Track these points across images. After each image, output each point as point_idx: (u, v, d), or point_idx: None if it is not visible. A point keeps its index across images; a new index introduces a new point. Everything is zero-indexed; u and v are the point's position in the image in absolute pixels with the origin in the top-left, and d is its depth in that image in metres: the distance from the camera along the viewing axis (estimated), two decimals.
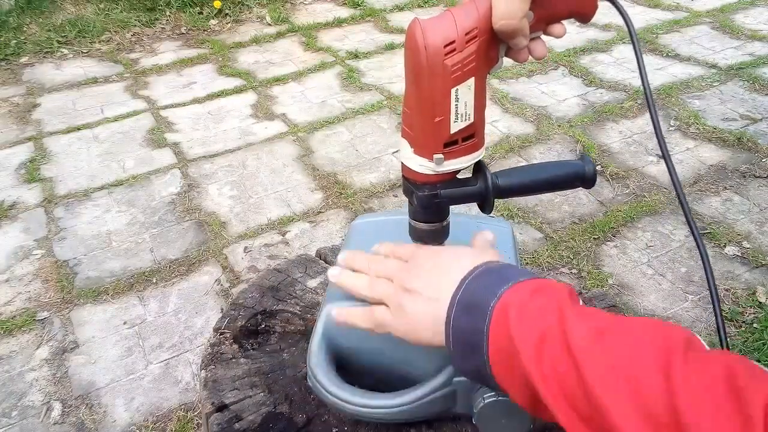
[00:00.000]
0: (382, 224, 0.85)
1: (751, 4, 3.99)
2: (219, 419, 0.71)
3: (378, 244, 0.69)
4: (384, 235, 0.81)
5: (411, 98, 0.58)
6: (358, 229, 0.85)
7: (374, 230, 0.83)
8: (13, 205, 2.41)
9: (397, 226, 0.84)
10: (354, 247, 0.82)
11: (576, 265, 2.01)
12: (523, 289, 0.48)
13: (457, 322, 0.50)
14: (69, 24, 3.89)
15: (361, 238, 0.83)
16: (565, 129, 2.75)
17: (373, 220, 0.86)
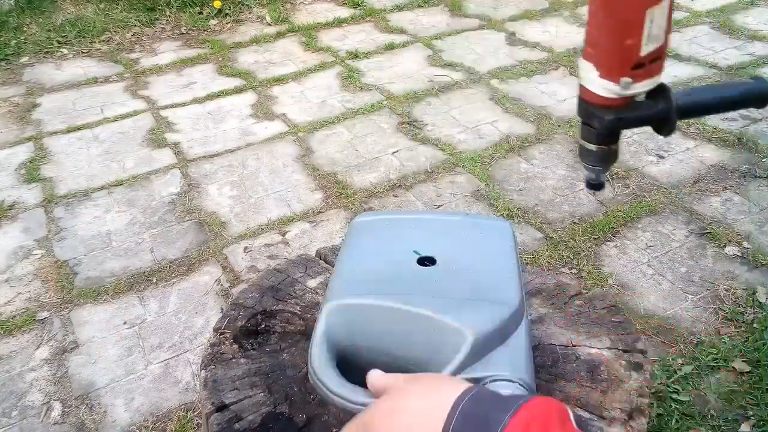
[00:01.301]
0: (382, 224, 0.85)
1: (751, 4, 3.99)
2: (219, 419, 0.71)
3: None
4: (384, 235, 0.81)
5: (600, 18, 0.55)
6: (358, 228, 0.85)
7: (375, 230, 0.84)
8: (13, 205, 2.41)
9: (398, 226, 0.84)
10: (354, 246, 0.82)
11: (576, 265, 2.01)
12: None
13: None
14: (69, 24, 3.89)
15: (362, 238, 0.83)
16: (566, 129, 2.75)
17: (374, 219, 0.86)
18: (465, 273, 0.76)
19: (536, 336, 0.85)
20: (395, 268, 0.77)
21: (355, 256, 0.81)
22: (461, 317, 0.67)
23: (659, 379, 1.62)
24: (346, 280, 0.76)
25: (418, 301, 0.69)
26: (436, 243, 0.81)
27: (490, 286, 0.74)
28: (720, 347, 1.70)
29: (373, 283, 0.74)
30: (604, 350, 0.82)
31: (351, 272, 0.78)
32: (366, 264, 0.79)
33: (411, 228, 0.85)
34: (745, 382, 1.62)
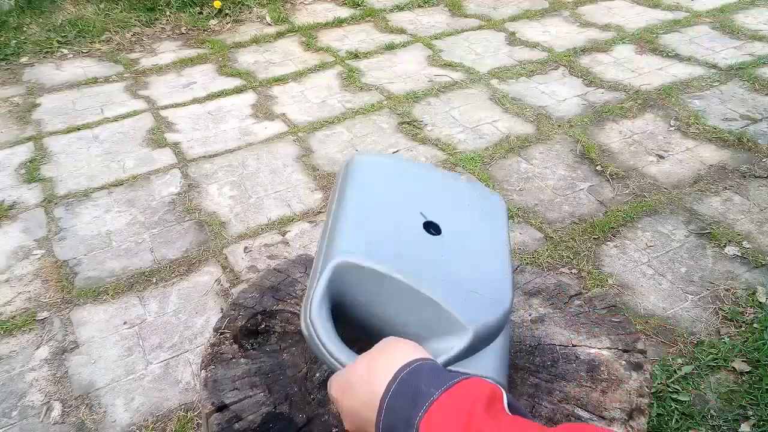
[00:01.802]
0: (384, 170, 0.83)
1: (751, 4, 3.99)
2: (219, 419, 0.71)
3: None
4: (388, 186, 0.80)
5: None
6: (358, 170, 0.81)
7: (377, 176, 0.82)
8: (13, 205, 2.41)
9: (401, 176, 0.82)
10: (356, 191, 0.78)
11: (576, 265, 2.01)
12: (438, 414, 0.49)
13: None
14: (69, 24, 3.89)
15: (364, 184, 0.80)
16: (565, 129, 2.75)
17: (374, 163, 0.84)
18: (468, 254, 0.75)
19: (536, 336, 0.85)
20: (403, 230, 0.75)
21: (359, 204, 0.76)
22: (466, 312, 0.68)
23: (659, 379, 1.62)
24: (353, 234, 0.72)
25: (428, 283, 0.68)
26: (439, 206, 0.80)
27: (490, 276, 0.74)
28: (720, 347, 1.70)
29: (383, 246, 0.71)
30: (604, 350, 0.82)
31: (357, 226, 0.73)
32: (372, 218, 0.75)
33: (414, 182, 0.82)
34: (745, 382, 1.62)
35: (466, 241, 0.77)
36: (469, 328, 0.67)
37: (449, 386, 0.51)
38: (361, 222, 0.74)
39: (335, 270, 0.68)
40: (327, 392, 0.66)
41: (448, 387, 0.51)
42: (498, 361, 0.71)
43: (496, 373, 0.70)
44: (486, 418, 0.48)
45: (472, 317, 0.68)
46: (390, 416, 0.52)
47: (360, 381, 0.57)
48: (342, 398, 0.59)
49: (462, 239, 0.77)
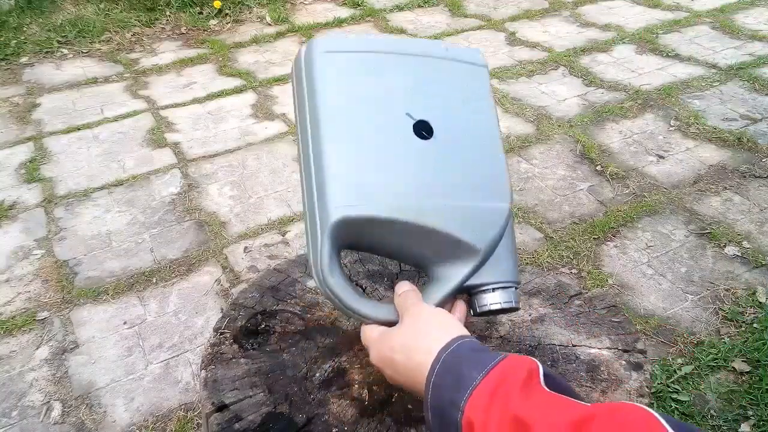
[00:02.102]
0: (354, 63, 0.72)
1: (751, 4, 3.99)
2: (219, 419, 0.71)
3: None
4: (365, 84, 0.71)
5: None
6: (323, 68, 0.70)
7: (349, 73, 0.71)
8: (13, 205, 2.41)
9: (375, 66, 0.72)
10: (332, 100, 0.69)
11: (576, 265, 2.01)
12: (482, 398, 0.53)
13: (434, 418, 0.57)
14: (69, 24, 3.89)
15: (337, 88, 0.70)
16: (565, 129, 2.75)
17: (340, 54, 0.72)
18: (462, 151, 0.72)
19: (536, 336, 0.85)
20: (392, 147, 0.69)
21: (337, 131, 0.68)
22: (473, 232, 0.68)
23: (659, 379, 1.62)
24: (341, 182, 0.66)
25: (431, 214, 0.67)
26: (423, 94, 0.73)
27: (487, 173, 0.72)
28: (720, 347, 1.70)
29: (376, 183, 0.67)
30: (604, 350, 0.82)
31: (343, 168, 0.67)
32: (356, 147, 0.68)
33: (390, 69, 0.73)
34: (745, 382, 1.62)
35: (459, 134, 0.72)
36: (479, 248, 0.68)
37: (489, 370, 0.55)
38: (345, 159, 0.67)
39: (334, 228, 0.66)
40: (361, 341, 0.70)
41: (487, 371, 0.55)
42: (508, 261, 0.71)
43: (509, 274, 0.71)
44: (520, 399, 0.51)
45: (479, 236, 0.68)
46: (436, 397, 0.56)
47: (402, 360, 0.62)
48: (384, 369, 0.65)
49: (454, 132, 0.72)
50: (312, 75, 0.70)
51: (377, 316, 0.69)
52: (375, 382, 0.76)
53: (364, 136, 0.69)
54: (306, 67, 0.72)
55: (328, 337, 0.84)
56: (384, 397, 0.74)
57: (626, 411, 0.48)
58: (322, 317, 0.87)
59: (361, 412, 0.72)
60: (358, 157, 0.68)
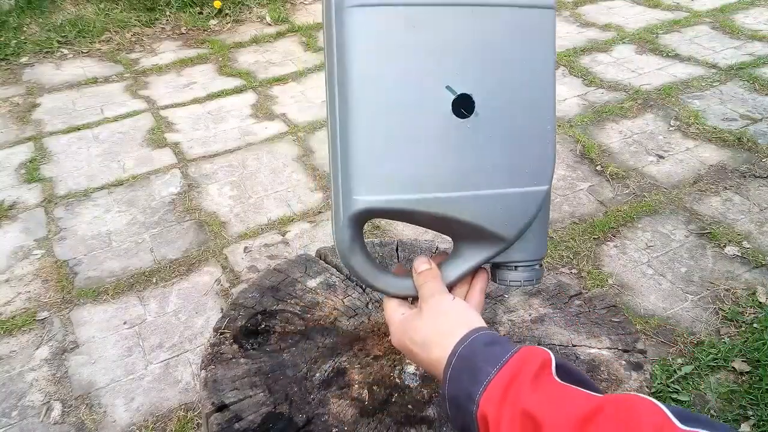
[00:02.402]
0: (394, 21, 0.62)
1: (751, 4, 3.99)
2: (219, 419, 0.71)
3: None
4: (403, 50, 0.62)
5: None
6: (357, 29, 0.61)
7: (387, 35, 0.62)
8: (13, 205, 2.41)
9: (418, 26, 0.62)
10: (365, 69, 0.61)
11: (576, 265, 2.01)
12: (496, 392, 0.55)
13: (451, 405, 0.59)
14: (69, 24, 3.89)
15: (371, 54, 0.62)
16: (565, 129, 2.75)
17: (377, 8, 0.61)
18: (504, 132, 0.64)
19: (536, 336, 0.85)
20: (427, 126, 0.63)
21: (368, 104, 0.62)
22: (501, 221, 0.65)
23: (659, 379, 1.62)
24: (368, 167, 0.62)
25: (458, 204, 0.64)
26: (469, 59, 0.63)
27: (530, 153, 0.65)
28: (720, 347, 1.70)
29: (405, 169, 0.63)
30: (604, 350, 0.82)
31: (372, 150, 0.62)
32: (391, 121, 0.62)
33: (434, 27, 0.62)
34: (745, 382, 1.62)
35: (505, 107, 0.64)
36: (507, 237, 0.66)
37: (503, 363, 0.56)
38: (372, 143, 0.62)
39: (356, 215, 0.64)
40: (384, 312, 0.72)
41: (501, 365, 0.56)
42: (536, 240, 0.69)
43: (534, 252, 0.69)
44: (530, 392, 0.53)
45: (508, 226, 0.66)
46: (453, 388, 0.58)
47: (421, 353, 0.64)
48: (404, 353, 0.68)
49: (499, 105, 0.64)
50: (343, 34, 0.61)
51: (397, 291, 0.70)
52: (375, 382, 0.76)
53: (395, 115, 0.62)
54: (337, 19, 0.62)
55: (328, 337, 0.84)
56: (384, 397, 0.74)
57: (632, 402, 0.49)
58: (322, 317, 0.87)
59: (361, 412, 0.72)
60: (386, 141, 0.62)
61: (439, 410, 0.72)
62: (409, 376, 0.77)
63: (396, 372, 0.78)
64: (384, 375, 0.77)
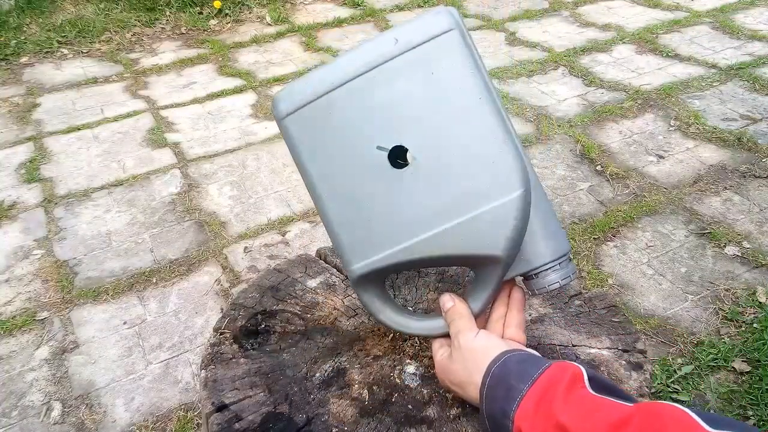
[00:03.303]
0: (319, 117, 0.68)
1: (751, 4, 3.99)
2: (219, 419, 0.71)
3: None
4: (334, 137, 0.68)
5: None
6: (296, 133, 0.70)
7: (318, 131, 0.69)
8: (13, 205, 2.41)
9: (337, 110, 0.68)
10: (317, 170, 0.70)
11: (576, 265, 2.01)
12: (529, 407, 0.58)
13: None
14: (69, 24, 3.89)
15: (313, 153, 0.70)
16: (565, 129, 2.75)
17: (303, 113, 0.69)
18: (449, 163, 0.65)
19: (536, 336, 0.84)
20: (376, 186, 0.67)
21: (327, 183, 0.70)
22: (482, 243, 0.65)
23: (659, 379, 1.62)
24: (348, 243, 0.70)
25: (433, 243, 0.66)
26: (391, 114, 0.67)
27: (486, 169, 0.65)
28: (720, 347, 1.70)
29: (374, 228, 0.68)
30: (604, 350, 0.82)
31: (343, 218, 0.70)
32: (348, 194, 0.69)
33: (350, 104, 0.68)
34: (745, 382, 1.62)
35: (442, 139, 0.66)
36: (497, 254, 0.66)
37: (534, 380, 0.59)
38: (341, 219, 0.70)
39: (357, 282, 0.71)
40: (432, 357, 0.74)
41: (533, 381, 0.59)
42: (543, 241, 0.69)
43: (548, 254, 0.68)
44: (563, 405, 0.56)
45: (492, 243, 0.65)
46: (489, 406, 0.62)
47: (461, 393, 0.69)
48: (451, 390, 0.72)
49: (436, 141, 0.66)
50: (288, 141, 0.72)
51: (431, 333, 0.73)
52: (375, 382, 0.76)
53: (349, 189, 0.69)
54: (281, 131, 0.72)
55: (328, 337, 0.84)
56: (384, 397, 0.74)
57: (662, 411, 0.51)
58: (322, 317, 0.87)
59: (361, 412, 0.72)
60: (351, 212, 0.69)
61: (439, 410, 0.72)
62: (409, 376, 0.77)
63: (396, 372, 0.78)
64: (384, 375, 0.77)
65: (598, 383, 0.59)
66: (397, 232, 0.67)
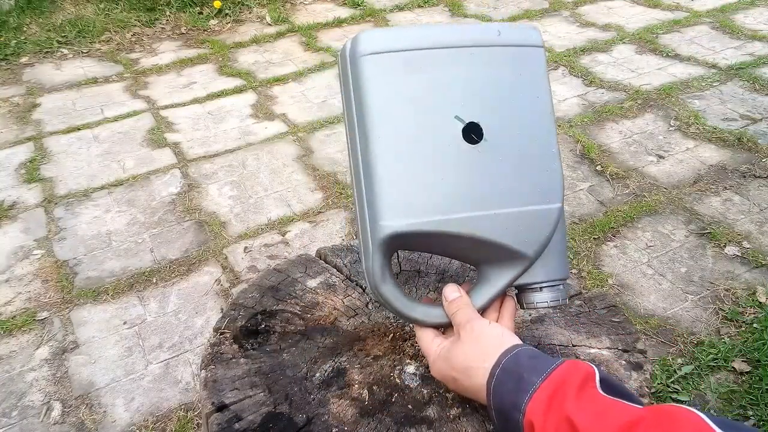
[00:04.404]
0: (401, 65, 0.68)
1: (751, 4, 3.99)
2: (219, 419, 0.71)
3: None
4: (412, 88, 0.68)
5: None
6: (370, 73, 0.68)
7: (396, 77, 0.68)
8: (13, 205, 2.41)
9: (423, 66, 0.68)
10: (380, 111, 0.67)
11: (576, 265, 2.01)
12: (542, 401, 0.58)
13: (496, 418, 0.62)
14: (69, 24, 3.89)
15: (384, 96, 0.68)
16: (565, 129, 2.75)
17: (387, 56, 0.68)
18: (515, 151, 0.70)
19: (536, 336, 0.85)
20: (441, 154, 0.68)
21: (385, 142, 0.67)
22: (523, 239, 0.69)
23: (659, 379, 1.62)
24: (390, 196, 0.67)
25: (480, 222, 0.67)
26: (474, 92, 0.69)
27: (539, 173, 0.70)
28: (720, 347, 1.70)
29: (424, 195, 0.67)
30: (604, 350, 0.82)
31: (391, 181, 0.67)
32: (404, 157, 0.67)
33: (439, 68, 0.69)
34: (745, 382, 1.62)
35: (511, 132, 0.70)
36: (528, 254, 0.69)
37: (547, 374, 0.59)
38: (393, 173, 0.67)
39: (384, 242, 0.67)
40: (419, 344, 0.74)
41: (546, 376, 0.59)
42: (557, 259, 0.72)
43: (557, 271, 0.72)
44: (574, 403, 0.55)
45: (528, 243, 0.69)
46: (499, 398, 0.61)
47: (464, 380, 0.66)
48: (446, 382, 0.70)
49: (506, 131, 0.70)
50: (358, 80, 0.68)
51: (429, 320, 0.72)
52: (375, 382, 0.76)
53: (412, 147, 0.67)
54: (352, 68, 0.69)
55: (328, 337, 0.84)
56: (384, 397, 0.74)
57: (673, 413, 0.51)
58: (322, 317, 0.87)
59: (361, 412, 0.72)
60: (407, 170, 0.67)
61: (439, 410, 0.72)
62: (409, 376, 0.77)
63: (396, 372, 0.78)
64: (384, 375, 0.77)
65: (609, 385, 0.59)
66: (449, 202, 0.67)
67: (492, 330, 0.67)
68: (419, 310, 0.72)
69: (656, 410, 0.52)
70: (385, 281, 0.70)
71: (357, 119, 0.69)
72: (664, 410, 0.51)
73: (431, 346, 0.71)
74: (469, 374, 0.65)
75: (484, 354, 0.65)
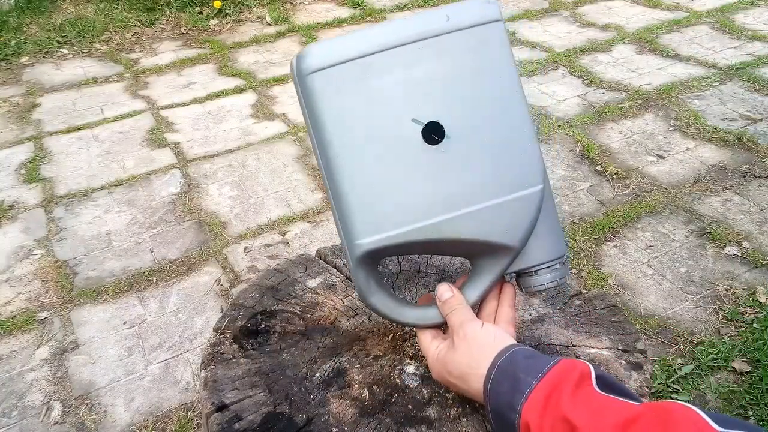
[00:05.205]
0: (349, 77, 0.65)
1: (751, 4, 3.99)
2: (219, 419, 0.71)
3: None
4: (365, 99, 0.65)
5: None
6: (320, 90, 0.65)
7: (346, 90, 0.65)
8: (13, 205, 2.41)
9: (372, 74, 0.65)
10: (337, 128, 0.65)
11: (576, 265, 2.01)
12: (538, 401, 0.57)
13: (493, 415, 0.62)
14: (69, 24, 3.89)
15: (338, 112, 0.65)
16: (565, 129, 2.75)
17: (332, 71, 0.64)
18: (483, 141, 0.66)
19: (536, 336, 0.84)
20: (405, 160, 0.65)
21: (349, 159, 0.65)
22: (501, 231, 0.66)
23: (659, 379, 1.62)
24: (360, 213, 0.65)
25: (453, 225, 0.65)
26: (429, 89, 0.66)
27: (514, 159, 0.66)
28: (720, 347, 1.70)
29: (394, 205, 0.65)
30: (604, 350, 0.82)
31: (359, 196, 0.65)
32: (371, 164, 0.65)
33: (388, 71, 0.65)
34: (745, 382, 1.62)
35: (476, 123, 0.66)
36: (512, 244, 0.66)
37: (543, 374, 0.59)
38: (359, 189, 0.65)
39: (361, 259, 0.66)
40: (419, 345, 0.73)
41: (542, 376, 0.59)
42: (548, 238, 0.69)
43: (551, 252, 0.69)
44: (570, 401, 0.55)
45: (510, 233, 0.66)
46: (495, 399, 0.61)
47: (460, 385, 0.66)
48: (444, 385, 0.70)
49: (470, 124, 0.66)
50: (309, 99, 0.66)
51: (425, 322, 0.71)
52: (375, 382, 0.76)
53: (373, 160, 0.65)
54: (301, 87, 0.67)
55: (328, 337, 0.84)
56: (384, 397, 0.74)
57: (670, 409, 0.51)
58: (322, 317, 0.87)
59: (361, 412, 0.72)
60: (371, 184, 0.65)
61: (439, 410, 0.72)
62: (409, 376, 0.77)
63: (396, 372, 0.78)
64: (384, 375, 0.77)
65: (606, 382, 0.59)
66: (419, 210, 0.65)
67: (485, 333, 0.66)
68: (413, 314, 0.71)
69: (654, 407, 0.52)
70: (372, 293, 0.69)
71: (316, 138, 0.67)
72: (662, 407, 0.51)
73: (430, 347, 0.70)
74: (465, 380, 0.65)
75: (477, 360, 0.64)
